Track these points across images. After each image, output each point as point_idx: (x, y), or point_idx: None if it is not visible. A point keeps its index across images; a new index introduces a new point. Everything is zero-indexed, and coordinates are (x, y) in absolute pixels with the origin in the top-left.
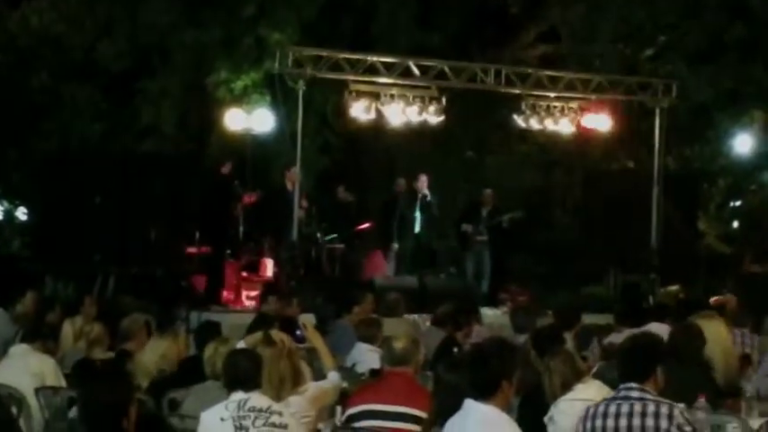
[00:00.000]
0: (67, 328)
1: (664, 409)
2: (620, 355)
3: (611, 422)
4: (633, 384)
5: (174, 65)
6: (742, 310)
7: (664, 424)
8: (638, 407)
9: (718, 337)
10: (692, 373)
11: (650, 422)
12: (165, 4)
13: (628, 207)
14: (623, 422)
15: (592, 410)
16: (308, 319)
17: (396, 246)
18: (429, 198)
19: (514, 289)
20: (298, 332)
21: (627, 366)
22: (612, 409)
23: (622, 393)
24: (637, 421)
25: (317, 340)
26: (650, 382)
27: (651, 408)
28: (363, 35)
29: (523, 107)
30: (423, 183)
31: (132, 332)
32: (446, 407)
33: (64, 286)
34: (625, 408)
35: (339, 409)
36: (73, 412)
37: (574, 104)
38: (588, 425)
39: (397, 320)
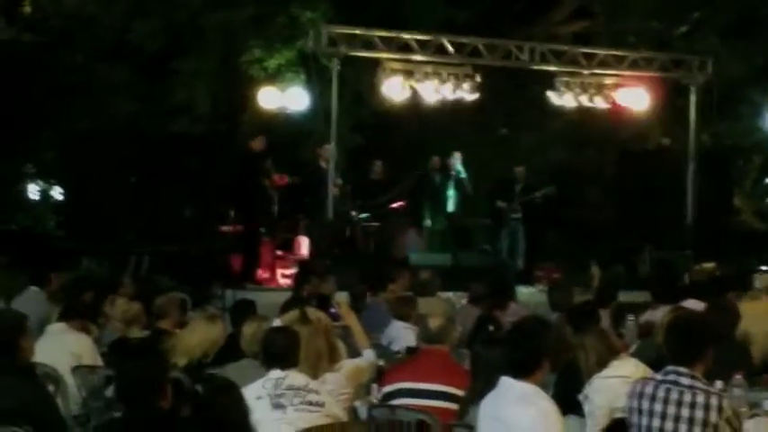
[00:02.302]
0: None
1: (714, 401)
2: (668, 336)
3: (658, 407)
4: (683, 369)
5: (207, 44)
6: None
7: (713, 417)
8: (687, 396)
9: (762, 317)
10: (727, 351)
11: (699, 414)
12: None
13: (662, 184)
14: (671, 410)
15: (639, 389)
16: (342, 298)
17: (428, 223)
18: (462, 175)
19: (549, 266)
20: (332, 310)
21: (676, 348)
22: (661, 393)
23: (671, 377)
24: (685, 412)
25: (350, 319)
26: (699, 366)
27: (701, 399)
28: (393, 11)
29: (557, 84)
30: (456, 160)
31: (166, 310)
32: (485, 385)
33: (98, 265)
34: (674, 395)
35: (375, 386)
36: (110, 391)
37: (608, 81)
38: (635, 404)
39: (431, 299)
